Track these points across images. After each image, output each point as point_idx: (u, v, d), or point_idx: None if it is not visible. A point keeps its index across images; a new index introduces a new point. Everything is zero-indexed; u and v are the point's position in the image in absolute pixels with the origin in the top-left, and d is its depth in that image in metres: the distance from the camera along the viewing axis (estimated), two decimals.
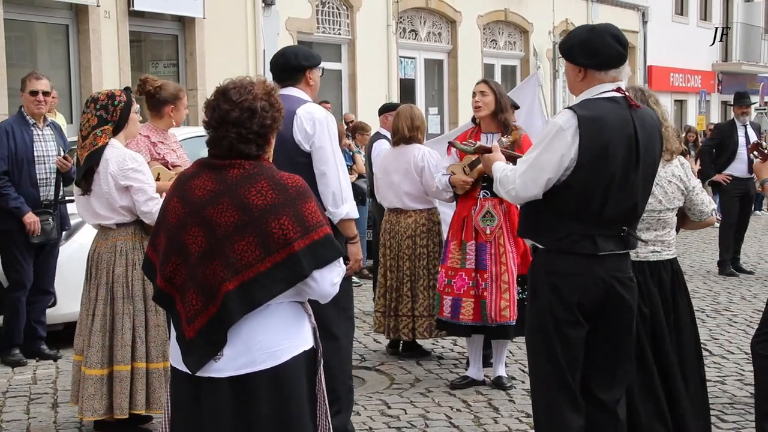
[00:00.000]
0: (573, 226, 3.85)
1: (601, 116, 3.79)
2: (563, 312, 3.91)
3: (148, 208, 5.14)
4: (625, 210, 3.89)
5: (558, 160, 3.78)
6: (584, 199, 3.81)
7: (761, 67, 31.39)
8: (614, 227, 3.88)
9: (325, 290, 3.20)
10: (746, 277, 11.20)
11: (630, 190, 3.86)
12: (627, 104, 3.86)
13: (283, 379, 3.16)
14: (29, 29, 12.06)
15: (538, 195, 3.88)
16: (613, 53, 3.85)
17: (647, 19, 25.11)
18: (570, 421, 3.95)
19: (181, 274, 3.19)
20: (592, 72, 3.89)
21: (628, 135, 3.81)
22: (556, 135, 3.80)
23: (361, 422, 5.64)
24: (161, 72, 13.47)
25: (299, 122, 4.84)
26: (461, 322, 6.20)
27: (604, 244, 3.87)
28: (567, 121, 3.80)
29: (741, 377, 6.63)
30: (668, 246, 4.58)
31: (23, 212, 6.84)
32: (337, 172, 4.85)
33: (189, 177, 3.27)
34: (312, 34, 15.41)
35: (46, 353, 7.17)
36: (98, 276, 5.22)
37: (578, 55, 3.90)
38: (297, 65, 5.03)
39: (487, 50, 19.93)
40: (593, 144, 3.75)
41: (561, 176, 3.81)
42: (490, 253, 6.14)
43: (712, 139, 12.07)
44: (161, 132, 5.79)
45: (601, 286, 3.89)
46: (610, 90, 3.88)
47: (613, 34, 3.88)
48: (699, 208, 4.59)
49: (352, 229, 4.97)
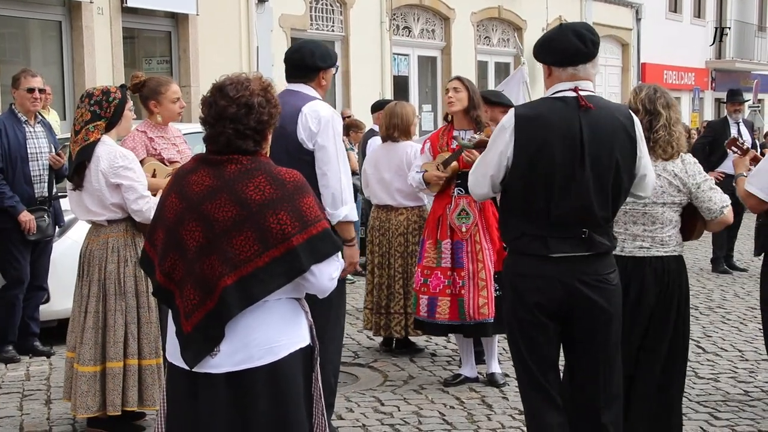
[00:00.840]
0: (525, 226, 3.88)
1: (540, 115, 3.83)
2: (524, 313, 3.93)
3: (138, 207, 5.13)
4: (578, 211, 3.82)
5: (498, 158, 3.85)
6: (527, 198, 3.85)
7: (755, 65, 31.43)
8: (570, 229, 3.84)
9: (323, 285, 3.21)
10: (739, 275, 11.22)
11: (578, 190, 3.80)
12: (577, 104, 3.83)
13: (280, 376, 3.16)
14: (22, 26, 12.03)
15: (488, 193, 3.99)
16: (571, 50, 3.85)
17: (641, 16, 25.14)
18: (547, 418, 3.96)
19: (180, 269, 3.19)
20: (555, 69, 3.92)
21: (571, 135, 3.79)
22: (498, 133, 3.89)
23: (354, 419, 5.64)
24: (154, 69, 13.44)
25: (304, 120, 4.75)
26: (437, 321, 6.18)
27: (558, 245, 3.84)
28: (509, 119, 3.86)
29: (734, 374, 6.64)
30: (660, 243, 4.49)
31: (18, 211, 6.84)
32: (339, 174, 4.77)
33: (186, 173, 3.27)
34: (305, 31, 15.39)
35: (40, 350, 7.16)
36: (90, 273, 5.21)
37: (541, 52, 3.98)
38: (312, 65, 4.92)
39: (481, 47, 19.94)
40: (528, 142, 3.79)
41: (504, 175, 3.87)
42: (466, 251, 6.14)
43: (704, 136, 12.07)
44: (160, 127, 5.75)
45: (558, 287, 3.85)
46: (566, 89, 3.88)
47: (576, 31, 3.87)
48: (706, 205, 4.51)
49: (350, 232, 4.90)
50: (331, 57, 5.02)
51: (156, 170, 5.53)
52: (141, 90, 5.69)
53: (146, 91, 5.69)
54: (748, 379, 6.51)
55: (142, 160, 5.48)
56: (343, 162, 4.83)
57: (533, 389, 3.98)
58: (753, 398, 6.06)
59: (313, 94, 4.91)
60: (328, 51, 5.05)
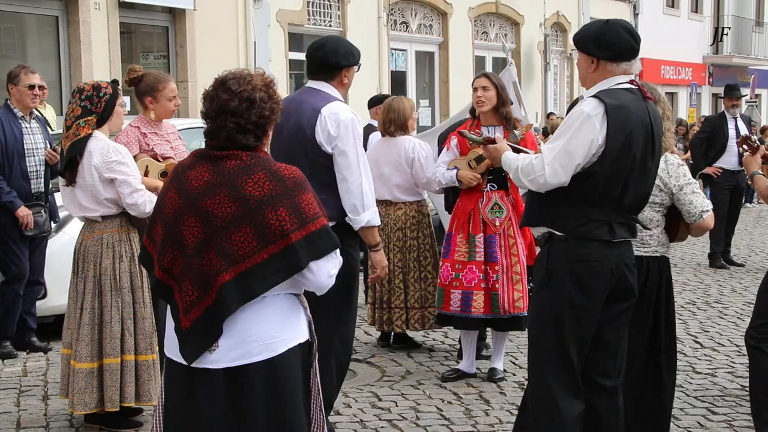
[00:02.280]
0: (593, 212, 3.97)
1: (625, 105, 3.93)
2: (582, 298, 3.98)
3: (133, 200, 5.12)
4: (641, 198, 4.09)
5: (587, 146, 3.89)
6: (608, 185, 3.93)
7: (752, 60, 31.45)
8: (627, 214, 4.05)
9: (321, 281, 3.21)
10: (737, 270, 11.23)
11: (646, 178, 4.05)
12: (642, 95, 4.02)
13: (278, 371, 3.16)
14: (19, 21, 12.02)
15: (565, 182, 3.95)
16: (626, 46, 4.00)
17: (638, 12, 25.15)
18: (571, 408, 4.00)
19: (179, 264, 3.19)
20: (604, 63, 4.02)
21: (646, 124, 3.98)
22: (584, 121, 3.91)
23: (351, 414, 5.64)
24: (151, 64, 13.42)
25: (323, 122, 4.66)
26: (473, 315, 6.16)
27: (619, 230, 4.02)
28: (594, 108, 3.91)
29: (732, 370, 6.65)
30: (641, 242, 4.53)
31: (16, 206, 6.84)
32: (360, 179, 4.67)
33: (186, 168, 3.27)
34: (303, 26, 15.38)
35: (37, 345, 7.16)
36: (85, 269, 5.20)
37: (592, 46, 4.03)
38: (335, 63, 4.81)
39: (479, 42, 19.92)
40: (619, 131, 3.89)
41: (587, 163, 3.91)
42: (499, 245, 6.14)
43: (702, 131, 12.08)
44: (153, 123, 5.73)
45: (615, 272, 4.02)
46: (624, 82, 4.02)
47: (627, 29, 4.04)
48: (686, 208, 4.55)
49: (375, 237, 4.82)
50: (354, 55, 4.90)
51: (149, 167, 5.51)
52: (138, 85, 5.67)
53: (143, 86, 5.66)
54: (745, 374, 6.48)
55: (134, 156, 5.44)
56: (364, 167, 4.73)
57: (565, 376, 4.01)
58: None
59: (333, 94, 4.82)
60: (351, 49, 4.93)
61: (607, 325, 4.09)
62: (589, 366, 4.09)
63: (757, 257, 12.22)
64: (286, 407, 3.19)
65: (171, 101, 5.70)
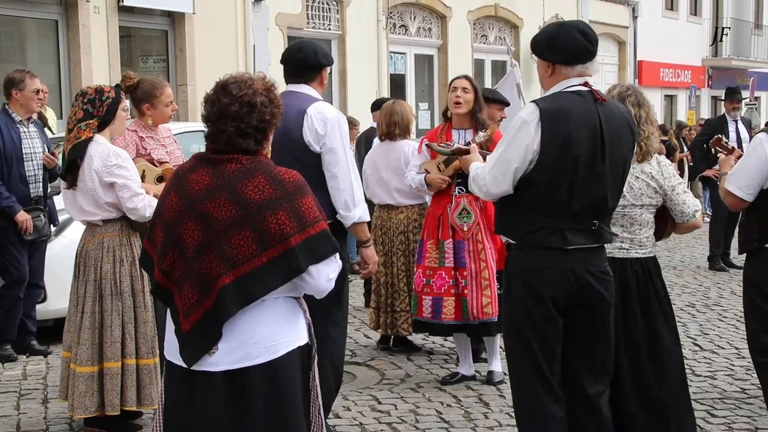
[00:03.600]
0: (542, 219, 3.90)
1: (564, 108, 3.85)
2: (537, 307, 3.93)
3: (133, 205, 5.12)
4: (594, 203, 3.91)
5: (523, 151, 3.84)
6: (550, 191, 3.85)
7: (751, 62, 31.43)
8: (584, 221, 3.91)
9: (320, 285, 3.22)
10: (736, 272, 11.19)
11: (597, 182, 3.88)
12: (592, 98, 3.92)
13: (277, 374, 3.17)
14: (18, 24, 12.02)
15: (508, 190, 3.93)
16: (580, 49, 3.91)
17: (637, 14, 25.13)
18: (551, 413, 3.97)
19: (179, 267, 3.20)
20: (559, 67, 3.95)
21: (592, 127, 3.85)
22: (520, 128, 3.87)
23: (351, 417, 5.64)
24: (151, 68, 13.42)
25: (310, 122, 4.71)
26: (443, 321, 6.15)
27: (574, 237, 3.90)
28: (530, 113, 3.86)
29: (731, 372, 6.65)
30: (639, 244, 4.52)
31: (15, 211, 6.85)
32: (349, 175, 4.74)
33: (186, 171, 3.28)
34: (302, 30, 15.38)
35: (36, 349, 7.16)
36: (86, 273, 5.21)
37: (546, 50, 3.98)
38: (316, 63, 4.89)
39: (478, 46, 19.92)
40: (555, 135, 3.81)
41: (527, 169, 3.86)
42: (468, 251, 6.11)
43: (702, 134, 12.06)
44: (150, 127, 5.74)
45: (573, 280, 3.91)
46: (576, 84, 3.93)
47: (581, 30, 3.94)
48: (680, 208, 4.54)
49: (365, 233, 4.87)
50: (330, 55, 5.05)
51: (145, 171, 5.52)
52: (134, 91, 5.66)
53: (140, 93, 5.66)
54: (744, 376, 6.51)
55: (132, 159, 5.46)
56: (352, 163, 4.79)
57: (540, 383, 3.98)
58: (749, 396, 6.07)
59: (315, 95, 4.88)
60: (326, 50, 5.08)
61: (581, 333, 4.01)
62: (572, 372, 4.05)
63: None
64: (286, 410, 3.19)
65: (168, 107, 5.71)
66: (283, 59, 5.01)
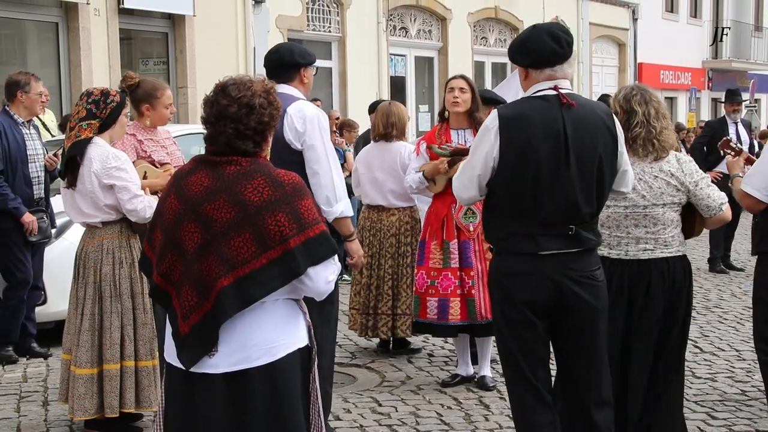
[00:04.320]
0: (513, 225, 3.90)
1: (524, 114, 3.84)
2: (513, 312, 3.94)
3: (132, 206, 5.13)
4: (565, 208, 3.85)
5: (484, 158, 3.86)
6: (514, 197, 3.86)
7: (751, 65, 31.47)
8: (558, 226, 3.87)
9: (319, 287, 3.22)
10: (736, 274, 11.23)
11: (564, 186, 3.83)
12: (558, 102, 3.86)
13: (277, 376, 3.17)
14: (19, 27, 12.03)
15: (476, 196, 3.98)
16: (547, 51, 3.87)
17: (638, 17, 25.16)
18: (537, 416, 3.97)
19: (177, 270, 3.20)
20: (531, 71, 3.94)
21: (554, 132, 3.82)
22: (482, 134, 3.90)
23: (351, 420, 5.64)
24: (151, 70, 13.44)
25: (290, 120, 4.76)
26: (450, 322, 6.14)
27: (547, 243, 3.86)
28: (492, 120, 3.88)
29: (731, 374, 6.65)
30: (664, 244, 4.48)
31: (21, 212, 6.86)
32: (330, 171, 4.78)
33: (186, 173, 3.28)
34: (302, 32, 15.40)
35: (37, 351, 7.17)
36: (86, 275, 5.21)
37: (517, 54, 3.98)
38: (291, 62, 4.95)
39: (478, 48, 19.94)
40: (513, 141, 3.81)
41: (490, 175, 3.87)
42: (474, 250, 6.11)
43: (703, 136, 12.07)
44: (148, 130, 5.74)
45: (549, 285, 3.88)
46: (546, 89, 3.90)
47: (551, 33, 3.89)
48: (705, 203, 4.50)
49: (348, 227, 4.92)
50: (309, 54, 5.06)
51: (147, 172, 5.53)
52: (135, 91, 5.66)
53: (140, 93, 5.66)
54: (745, 378, 6.51)
55: (132, 162, 5.46)
56: (333, 159, 4.83)
57: (523, 388, 3.98)
58: (750, 398, 6.06)
59: (297, 95, 4.91)
60: (305, 49, 5.13)
61: (569, 338, 3.99)
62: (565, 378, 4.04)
63: None
64: (286, 412, 3.19)
65: (167, 108, 5.72)
66: (264, 62, 5.09)
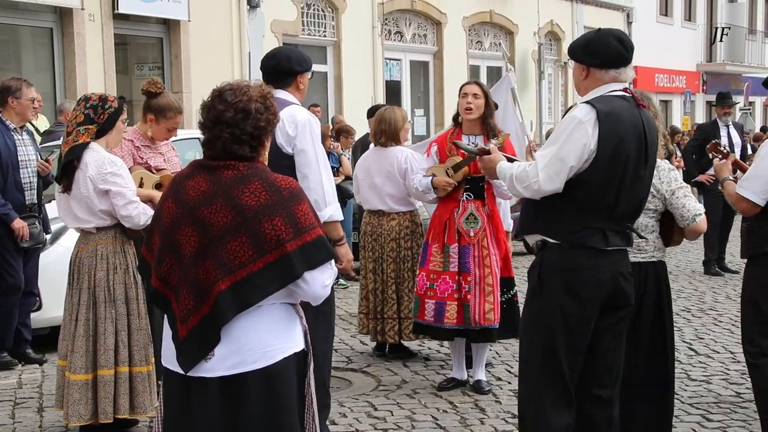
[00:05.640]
0: (587, 219, 3.96)
1: (617, 111, 3.95)
2: (574, 307, 3.97)
3: (127, 212, 5.14)
4: (635, 205, 4.08)
5: (580, 150, 3.90)
6: (601, 192, 3.93)
7: (745, 68, 31.52)
8: (621, 222, 4.04)
9: (316, 291, 3.23)
10: (731, 277, 11.25)
11: (640, 185, 4.05)
12: (635, 103, 4.04)
13: (273, 380, 3.18)
14: (13, 32, 12.03)
15: (559, 188, 3.96)
16: (615, 53, 4.02)
17: (632, 20, 25.22)
18: (559, 418, 3.99)
19: (175, 273, 3.21)
20: (594, 71, 4.05)
21: (638, 131, 3.99)
22: (576, 127, 3.92)
23: (347, 424, 5.65)
24: (146, 75, 13.43)
25: (281, 125, 4.71)
26: (445, 325, 6.16)
27: (614, 239, 4.01)
28: (586, 114, 3.93)
29: (726, 377, 6.66)
30: (638, 248, 4.55)
31: (12, 218, 6.85)
32: (320, 175, 4.81)
33: (184, 178, 3.29)
34: (297, 36, 15.40)
35: (32, 357, 7.16)
36: (80, 280, 5.22)
37: (581, 53, 4.10)
38: (289, 69, 4.97)
39: (473, 52, 19.96)
40: (611, 137, 3.89)
41: (581, 168, 3.91)
42: (473, 256, 6.12)
43: (695, 139, 12.09)
44: (146, 137, 5.76)
45: (610, 281, 4.01)
46: (618, 90, 4.04)
47: (617, 37, 4.07)
48: (679, 212, 4.58)
49: (338, 231, 4.94)
50: (306, 61, 5.09)
51: (143, 178, 5.54)
52: (152, 99, 5.73)
53: (155, 104, 5.73)
54: (740, 381, 6.53)
55: (129, 168, 5.48)
56: (323, 164, 4.86)
57: (556, 387, 4.00)
58: (745, 400, 6.07)
59: (291, 100, 4.94)
60: (302, 55, 5.13)
61: (604, 335, 4.07)
62: (585, 376, 4.07)
63: None
64: (281, 416, 3.20)
65: (170, 132, 5.78)
66: (260, 66, 5.12)
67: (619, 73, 4.05)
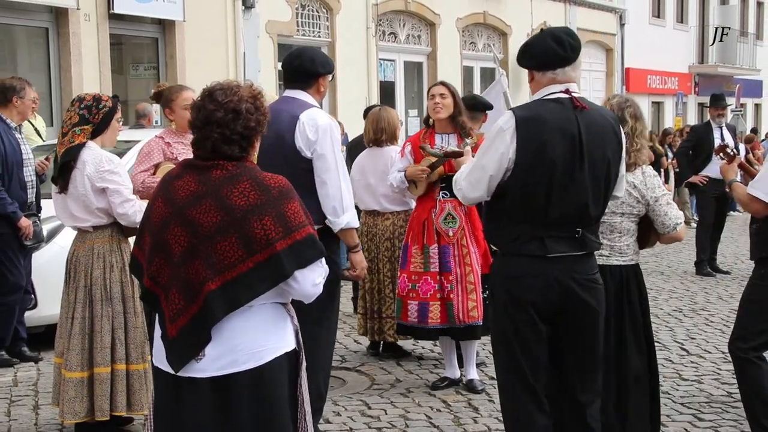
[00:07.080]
0: (521, 227, 3.91)
1: (540, 116, 3.86)
2: (519, 313, 3.94)
3: (123, 210, 5.16)
4: (575, 210, 3.90)
5: (498, 159, 3.85)
6: (527, 199, 3.86)
7: (737, 69, 31.61)
8: (565, 228, 3.91)
9: (306, 290, 3.23)
10: (723, 277, 11.30)
11: (576, 189, 3.88)
12: (572, 105, 3.91)
13: (264, 380, 3.18)
14: (9, 32, 12.02)
15: (483, 196, 3.97)
16: (549, 54, 3.92)
17: (624, 22, 25.27)
18: (536, 421, 3.99)
19: (165, 273, 3.22)
20: (534, 73, 4.00)
21: (569, 134, 3.85)
22: (497, 135, 3.89)
23: (341, 423, 5.68)
24: (141, 75, 13.46)
25: (302, 128, 4.75)
26: (429, 326, 6.19)
27: (555, 245, 3.89)
28: (507, 121, 3.88)
29: (718, 376, 6.71)
30: (619, 252, 4.57)
31: (18, 217, 6.86)
32: (339, 181, 4.77)
33: (173, 178, 3.30)
34: (292, 37, 15.42)
35: (28, 355, 7.17)
36: (77, 279, 5.24)
37: (522, 56, 4.05)
38: (313, 70, 4.93)
39: (467, 53, 20.00)
40: (530, 143, 3.82)
41: (503, 177, 3.87)
42: (453, 255, 6.16)
43: (688, 140, 12.15)
44: (178, 134, 5.78)
45: (556, 287, 3.91)
46: (557, 92, 3.94)
47: (555, 37, 3.94)
48: (661, 219, 4.59)
49: (354, 239, 4.92)
50: (330, 63, 5.08)
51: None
52: (159, 99, 5.81)
53: (162, 99, 5.81)
54: (731, 380, 6.55)
55: (158, 163, 5.60)
56: (342, 170, 4.83)
57: (524, 390, 3.99)
58: (736, 399, 6.09)
59: (310, 102, 4.92)
60: (326, 57, 5.12)
61: (571, 341, 4.02)
62: (565, 381, 4.07)
63: (743, 265, 12.27)
64: (273, 416, 3.21)
65: (186, 110, 5.75)
66: (282, 64, 5.09)
67: (557, 74, 3.93)
